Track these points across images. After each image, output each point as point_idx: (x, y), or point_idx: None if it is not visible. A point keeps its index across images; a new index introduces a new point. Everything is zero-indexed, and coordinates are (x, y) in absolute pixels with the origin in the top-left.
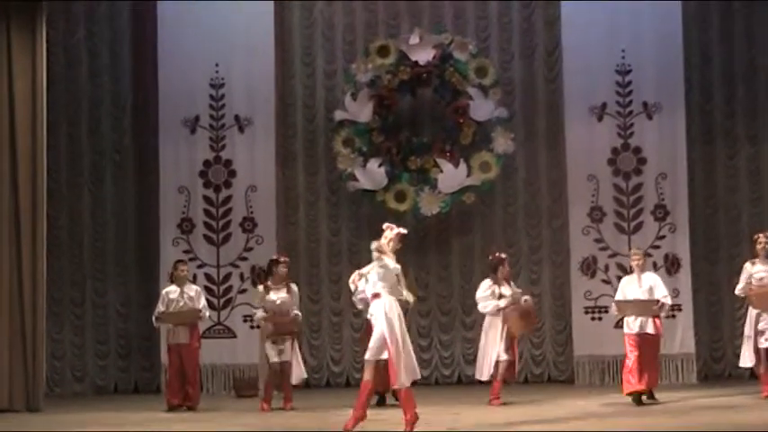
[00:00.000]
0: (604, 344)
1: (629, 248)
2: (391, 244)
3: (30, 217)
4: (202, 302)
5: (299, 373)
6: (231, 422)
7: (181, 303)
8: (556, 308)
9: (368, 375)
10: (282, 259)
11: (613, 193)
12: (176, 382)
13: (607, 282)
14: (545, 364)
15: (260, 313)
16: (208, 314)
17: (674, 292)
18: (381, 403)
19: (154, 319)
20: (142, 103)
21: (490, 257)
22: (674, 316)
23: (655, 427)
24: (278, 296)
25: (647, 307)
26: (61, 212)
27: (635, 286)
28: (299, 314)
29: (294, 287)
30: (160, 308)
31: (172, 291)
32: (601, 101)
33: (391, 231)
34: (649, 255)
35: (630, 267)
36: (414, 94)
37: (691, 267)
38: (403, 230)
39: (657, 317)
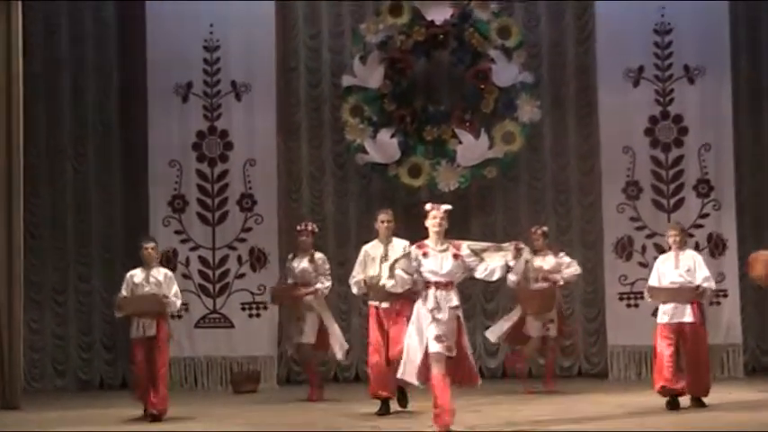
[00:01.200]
0: (641, 333)
1: None
2: (443, 224)
3: (5, 194)
4: (173, 290)
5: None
6: (228, 421)
7: (146, 289)
8: (587, 294)
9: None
10: (299, 228)
11: (651, 167)
12: (146, 383)
13: (644, 265)
14: (575, 356)
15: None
16: (179, 303)
17: (719, 276)
18: (386, 412)
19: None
20: (129, 69)
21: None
22: (718, 303)
23: (697, 427)
24: (299, 265)
25: (684, 293)
26: (40, 189)
27: (671, 266)
28: (321, 287)
29: (318, 256)
30: (123, 293)
31: (136, 274)
32: (637, 64)
33: (439, 210)
34: (691, 235)
35: (669, 246)
36: (429, 56)
37: (737, 248)
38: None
39: (698, 303)
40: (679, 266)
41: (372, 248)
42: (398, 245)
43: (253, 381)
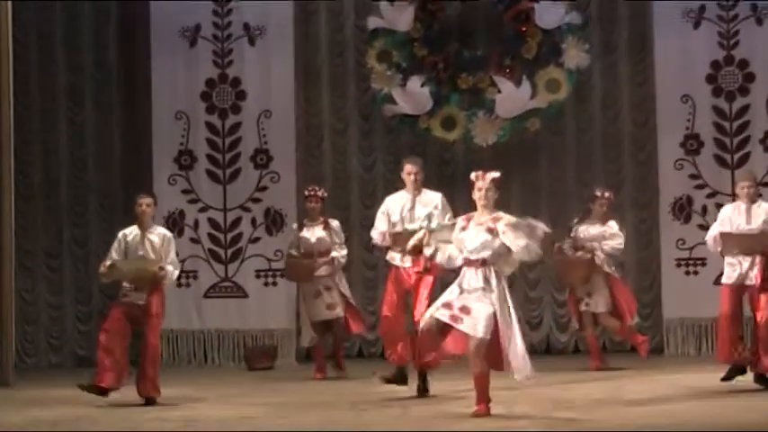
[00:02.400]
0: (701, 304)
1: (733, 186)
2: (490, 195)
3: None
4: (171, 255)
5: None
6: (240, 402)
7: (140, 252)
8: (641, 260)
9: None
10: (308, 193)
11: (713, 118)
12: (109, 354)
13: (705, 227)
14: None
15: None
16: (177, 273)
17: None
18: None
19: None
20: (130, 9)
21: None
22: None
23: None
24: (312, 234)
25: (764, 241)
26: (32, 143)
27: (742, 219)
28: (338, 255)
29: (334, 224)
30: (113, 255)
31: (130, 233)
32: (698, 3)
33: (484, 180)
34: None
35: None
36: None
37: None
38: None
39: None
40: (751, 221)
41: (396, 201)
42: (431, 198)
43: (269, 357)
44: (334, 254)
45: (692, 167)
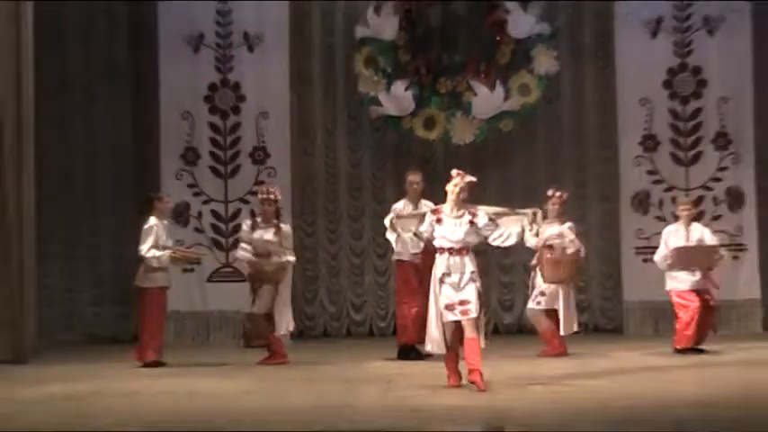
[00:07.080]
0: (657, 289)
1: (686, 184)
2: (462, 195)
3: (14, 143)
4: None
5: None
6: (243, 374)
7: (170, 242)
8: (604, 248)
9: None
10: (263, 196)
11: (669, 120)
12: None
13: (661, 219)
14: (591, 312)
15: (241, 252)
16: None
17: (738, 231)
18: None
19: (158, 257)
20: (138, 18)
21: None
22: (736, 257)
23: (715, 384)
24: (263, 235)
25: (710, 255)
26: (49, 138)
27: (681, 239)
28: (290, 260)
29: (286, 228)
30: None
31: (160, 226)
32: (656, 14)
33: (462, 179)
34: (709, 188)
35: (676, 217)
36: (445, 6)
37: (756, 203)
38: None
39: (711, 269)
40: (690, 239)
41: (400, 207)
42: (428, 207)
43: (264, 335)
44: (286, 258)
45: (650, 164)
